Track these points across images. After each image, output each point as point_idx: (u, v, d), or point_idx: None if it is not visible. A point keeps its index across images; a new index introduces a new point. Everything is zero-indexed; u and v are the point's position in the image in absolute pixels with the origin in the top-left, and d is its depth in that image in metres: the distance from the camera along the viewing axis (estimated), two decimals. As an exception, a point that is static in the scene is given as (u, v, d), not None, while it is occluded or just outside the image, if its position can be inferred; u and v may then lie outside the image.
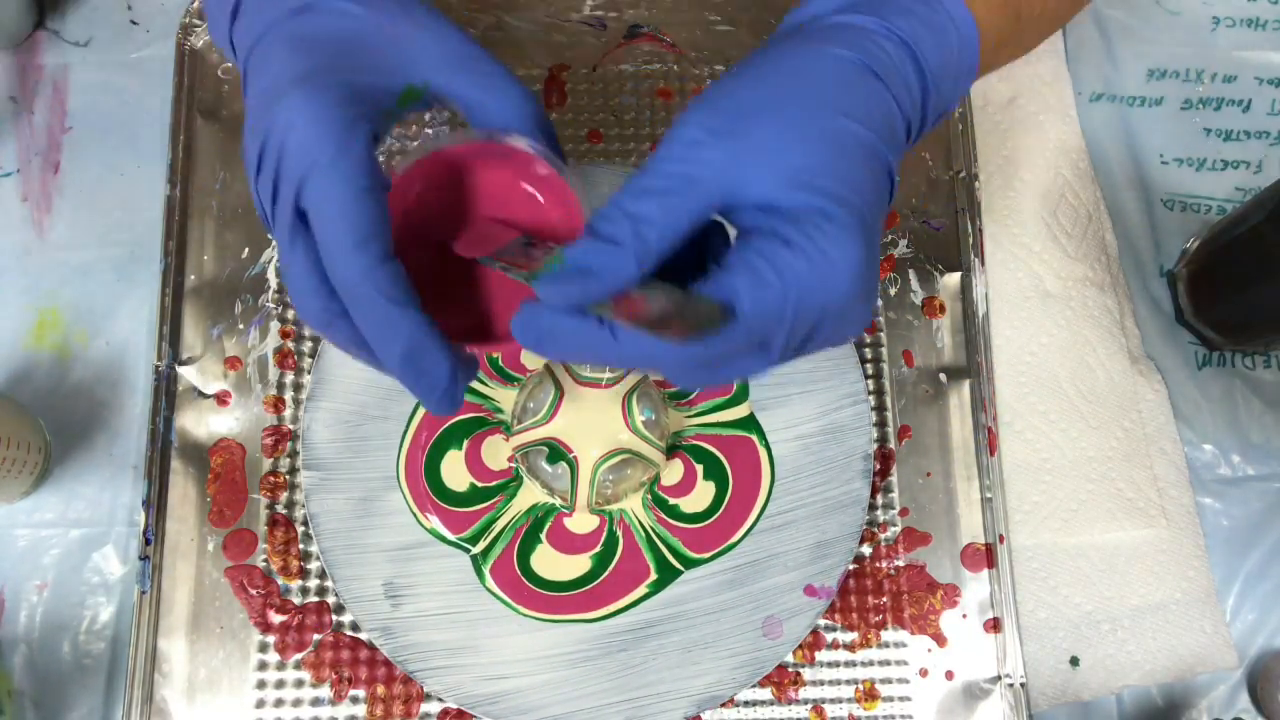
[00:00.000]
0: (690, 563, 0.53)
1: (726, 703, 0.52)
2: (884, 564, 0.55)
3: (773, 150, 0.34)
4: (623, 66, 0.61)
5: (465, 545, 0.53)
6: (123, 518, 0.55)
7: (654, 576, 0.53)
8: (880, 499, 0.55)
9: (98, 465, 0.56)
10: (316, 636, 0.53)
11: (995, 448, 0.56)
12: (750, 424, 0.55)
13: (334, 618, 0.53)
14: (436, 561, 0.53)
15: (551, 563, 0.53)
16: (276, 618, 0.53)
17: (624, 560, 0.53)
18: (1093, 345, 0.59)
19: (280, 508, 0.54)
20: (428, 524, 0.53)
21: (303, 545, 0.54)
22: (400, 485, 0.54)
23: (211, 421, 0.55)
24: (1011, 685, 0.53)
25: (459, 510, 0.53)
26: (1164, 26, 0.65)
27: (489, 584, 0.53)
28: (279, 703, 0.52)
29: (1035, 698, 0.54)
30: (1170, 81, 0.64)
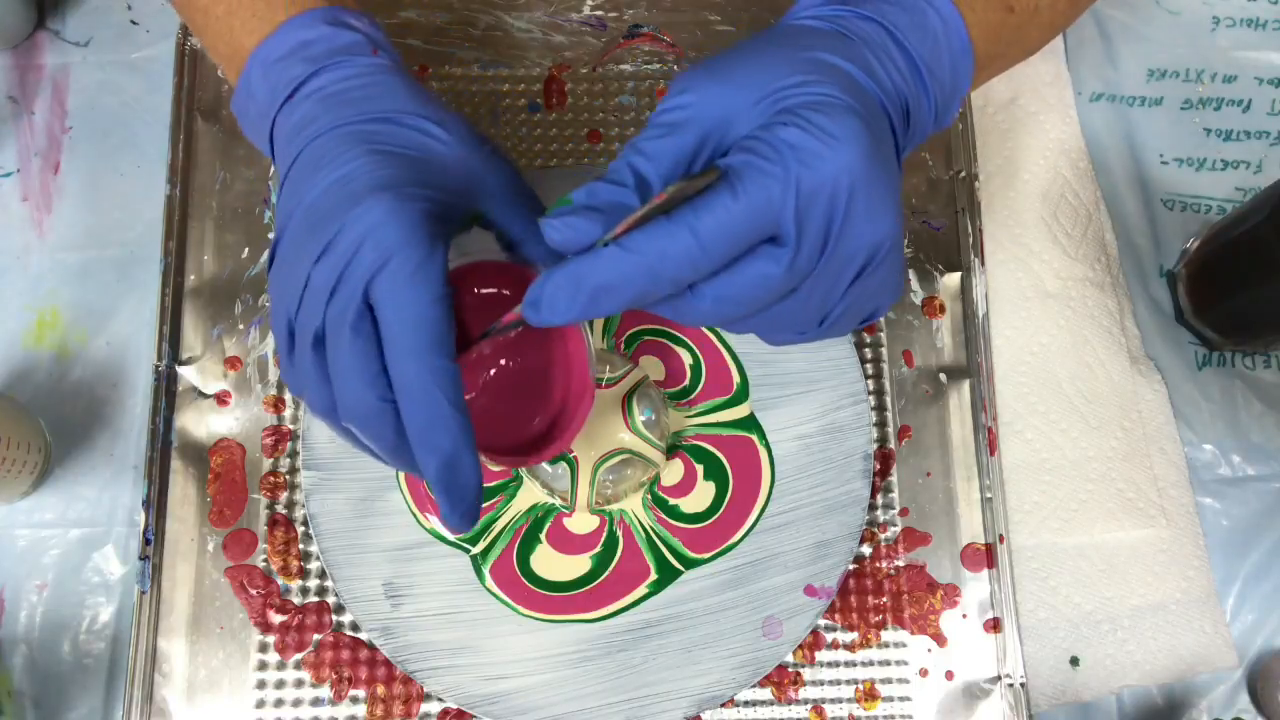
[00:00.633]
0: (690, 563, 0.53)
1: (726, 703, 0.52)
2: (884, 564, 0.55)
3: (754, 81, 0.36)
4: (623, 66, 0.61)
5: (465, 545, 0.53)
6: (123, 518, 0.55)
7: (654, 576, 0.53)
8: (880, 499, 0.55)
9: (98, 465, 0.56)
10: (316, 636, 0.53)
11: (995, 448, 0.56)
12: (750, 424, 0.55)
13: (334, 618, 0.53)
14: (436, 561, 0.53)
15: (551, 563, 0.53)
16: (276, 618, 0.53)
17: (624, 560, 0.53)
18: (1093, 345, 0.59)
19: (280, 508, 0.54)
20: (428, 524, 0.53)
21: (303, 545, 0.54)
22: (400, 485, 0.54)
23: (211, 421, 0.55)
24: (1011, 685, 0.53)
25: (459, 510, 0.53)
26: (1164, 26, 0.65)
27: (489, 584, 0.53)
28: (279, 703, 0.52)
29: (1035, 698, 0.54)
30: (1170, 81, 0.64)
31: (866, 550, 0.55)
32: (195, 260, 0.57)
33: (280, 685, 0.52)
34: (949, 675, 0.53)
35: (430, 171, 0.39)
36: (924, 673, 0.53)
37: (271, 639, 0.52)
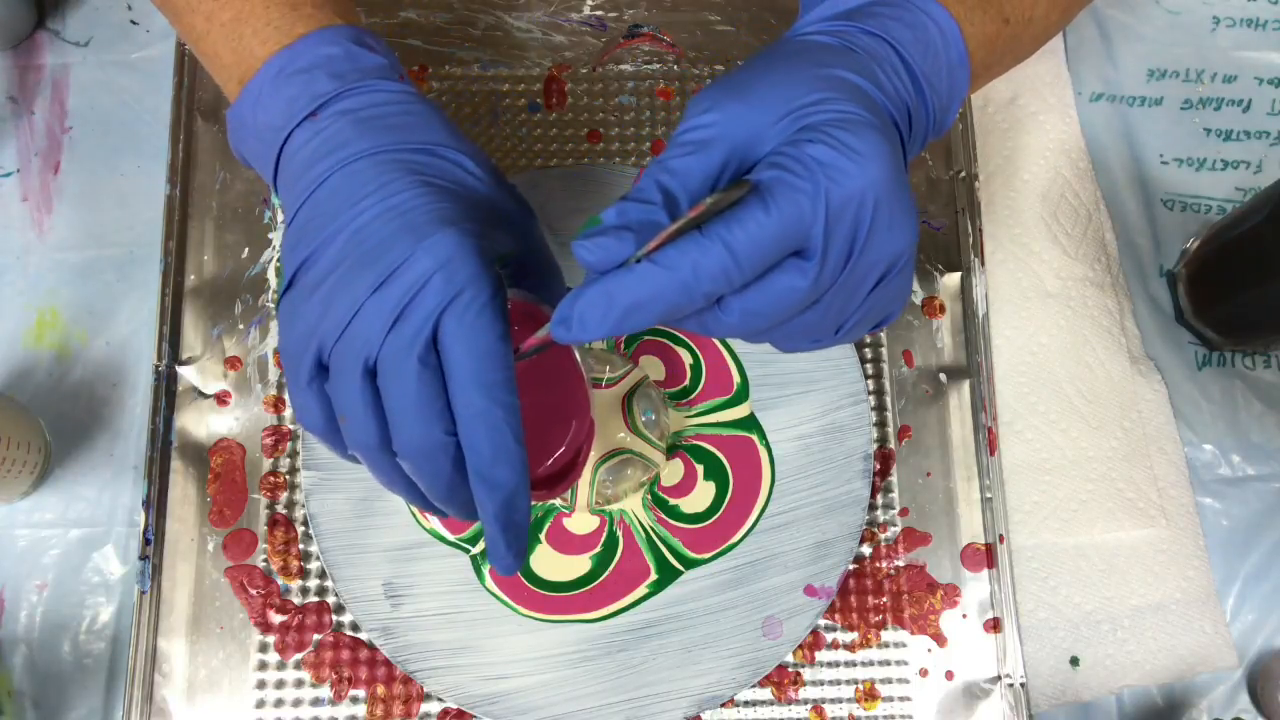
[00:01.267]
0: (690, 563, 0.53)
1: (726, 703, 0.52)
2: (884, 564, 0.55)
3: (776, 99, 0.36)
4: (623, 66, 0.61)
5: (465, 545, 0.53)
6: (123, 518, 0.55)
7: (654, 577, 0.53)
8: (880, 499, 0.55)
9: (98, 465, 0.56)
10: (316, 636, 0.53)
11: (995, 448, 0.56)
12: (751, 424, 0.55)
13: (334, 618, 0.53)
14: (436, 561, 0.53)
15: (551, 563, 0.53)
16: (276, 618, 0.53)
17: (624, 560, 0.53)
18: (1093, 345, 0.59)
19: (280, 508, 0.54)
20: (427, 524, 0.53)
21: (303, 545, 0.54)
22: (400, 485, 0.54)
23: (211, 421, 0.55)
24: (1011, 685, 0.53)
25: (459, 510, 0.53)
26: (1164, 26, 0.65)
27: (489, 584, 0.53)
28: (279, 703, 0.52)
29: (1035, 698, 0.54)
30: (1170, 81, 0.64)
31: (866, 550, 0.55)
32: (195, 260, 0.57)
33: (280, 685, 0.52)
34: (949, 675, 0.53)
35: (474, 208, 0.39)
36: (924, 673, 0.53)
37: (271, 639, 0.52)
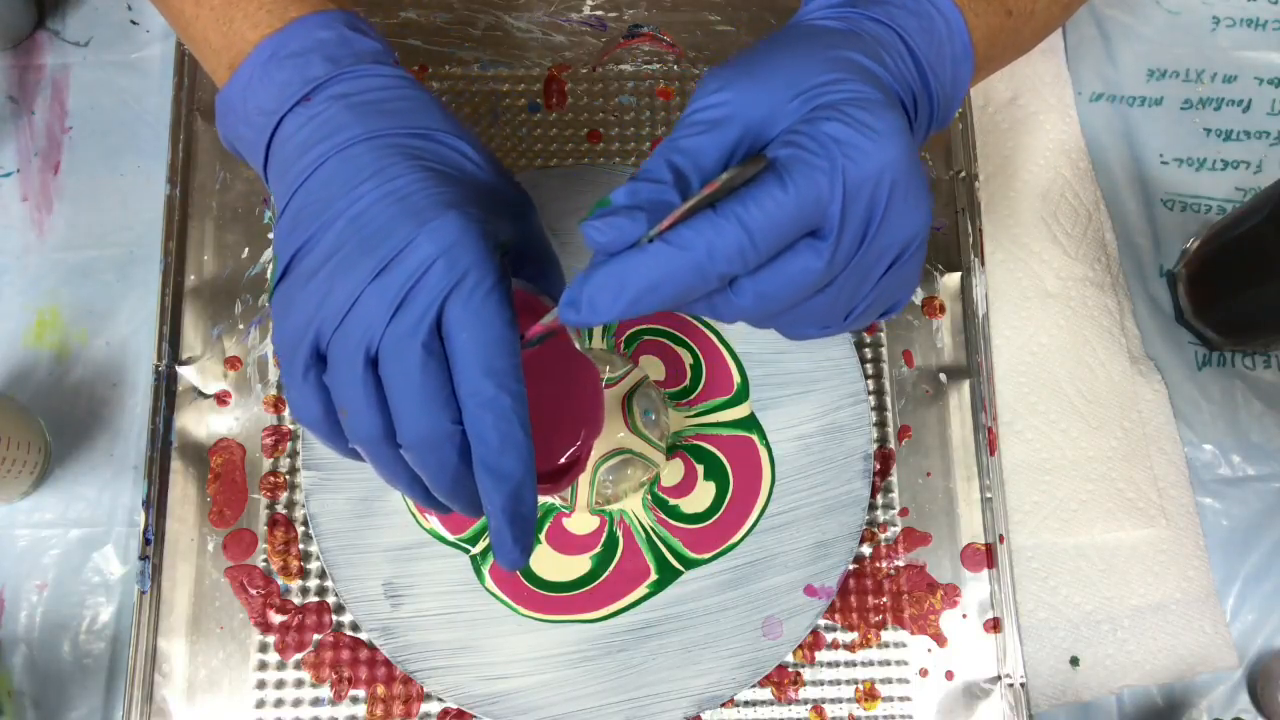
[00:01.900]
0: (690, 563, 0.53)
1: (726, 703, 0.52)
2: (884, 564, 0.55)
3: (788, 78, 0.35)
4: (623, 66, 0.61)
5: (465, 545, 0.53)
6: (123, 518, 0.55)
7: (654, 577, 0.53)
8: (880, 499, 0.55)
9: (98, 465, 0.56)
10: (316, 636, 0.53)
11: (995, 448, 0.56)
12: (751, 424, 0.55)
13: (334, 618, 0.53)
14: (436, 561, 0.53)
15: (550, 563, 0.53)
16: (276, 618, 0.53)
17: (624, 560, 0.53)
18: (1093, 345, 0.59)
19: (280, 508, 0.54)
20: (427, 524, 0.53)
21: (303, 545, 0.54)
22: (400, 485, 0.54)
23: (211, 421, 0.55)
24: (1011, 685, 0.53)
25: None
26: (1164, 26, 0.65)
27: (489, 584, 0.53)
28: (279, 703, 0.52)
29: (1035, 698, 0.54)
30: (1170, 81, 0.64)
31: (866, 550, 0.55)
32: (195, 260, 0.57)
33: (280, 685, 0.52)
34: (949, 675, 0.53)
35: (475, 193, 0.38)
36: (924, 673, 0.53)
37: (271, 639, 0.52)
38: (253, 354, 0.56)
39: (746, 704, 0.53)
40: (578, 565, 0.53)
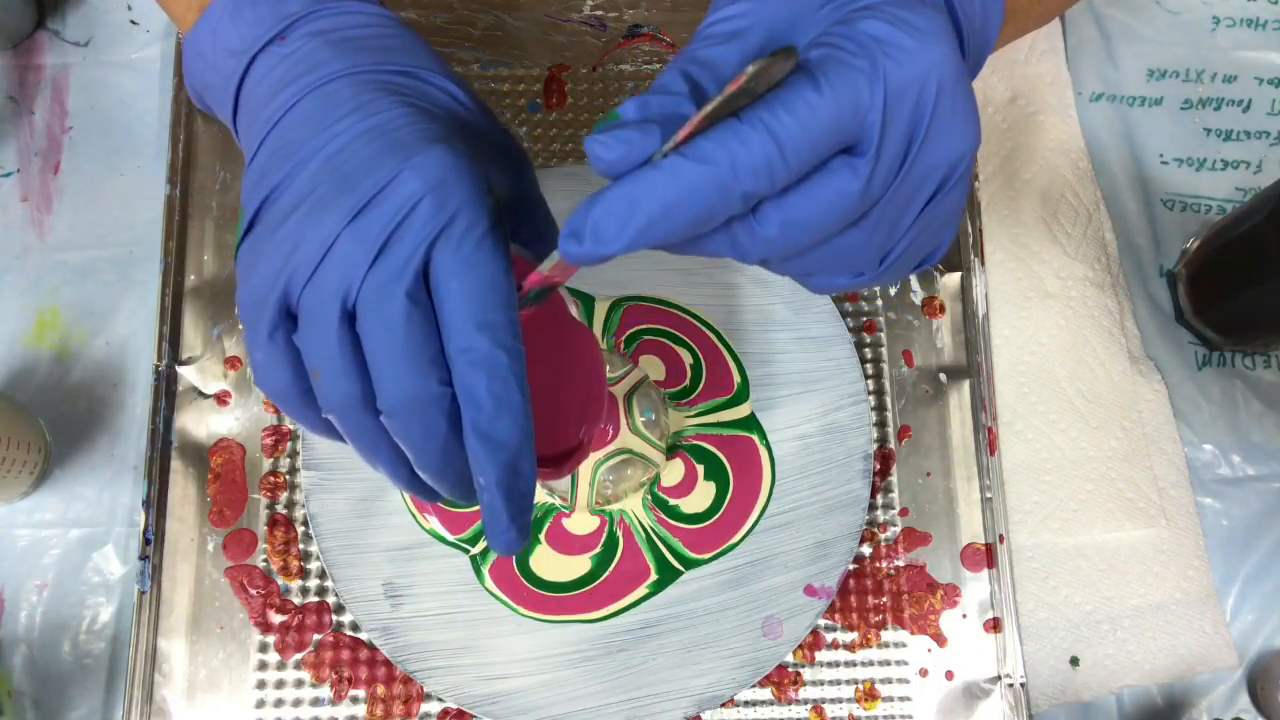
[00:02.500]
0: (690, 563, 0.53)
1: (726, 703, 0.52)
2: (884, 564, 0.55)
3: None
4: (623, 66, 0.61)
5: (465, 545, 0.53)
6: (123, 518, 0.55)
7: (654, 577, 0.53)
8: (880, 499, 0.55)
9: (98, 465, 0.56)
10: (316, 636, 0.53)
11: (995, 448, 0.56)
12: (751, 424, 0.55)
13: (334, 618, 0.53)
14: (436, 561, 0.53)
15: (551, 563, 0.53)
16: (276, 618, 0.53)
17: (624, 560, 0.53)
18: (1093, 345, 0.59)
19: (280, 508, 0.54)
20: (427, 524, 0.53)
21: (303, 545, 0.54)
22: (400, 485, 0.54)
23: (211, 421, 0.55)
24: (1011, 685, 0.53)
25: (458, 510, 0.53)
26: (1164, 26, 0.65)
27: (488, 584, 0.53)
28: (279, 703, 0.52)
29: (1035, 698, 0.54)
30: (1170, 81, 0.64)
31: (866, 550, 0.55)
32: (195, 260, 0.57)
33: (280, 685, 0.52)
34: (949, 675, 0.53)
35: (472, 138, 0.34)
36: (924, 673, 0.53)
37: (271, 639, 0.52)
38: (253, 354, 0.56)
39: (746, 704, 0.53)
40: (578, 565, 0.53)
